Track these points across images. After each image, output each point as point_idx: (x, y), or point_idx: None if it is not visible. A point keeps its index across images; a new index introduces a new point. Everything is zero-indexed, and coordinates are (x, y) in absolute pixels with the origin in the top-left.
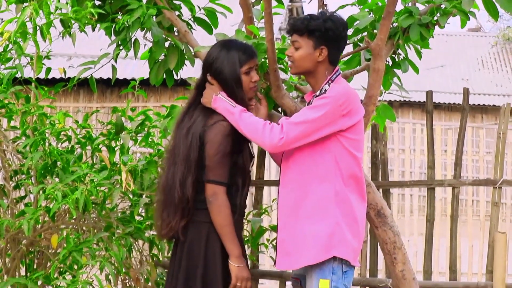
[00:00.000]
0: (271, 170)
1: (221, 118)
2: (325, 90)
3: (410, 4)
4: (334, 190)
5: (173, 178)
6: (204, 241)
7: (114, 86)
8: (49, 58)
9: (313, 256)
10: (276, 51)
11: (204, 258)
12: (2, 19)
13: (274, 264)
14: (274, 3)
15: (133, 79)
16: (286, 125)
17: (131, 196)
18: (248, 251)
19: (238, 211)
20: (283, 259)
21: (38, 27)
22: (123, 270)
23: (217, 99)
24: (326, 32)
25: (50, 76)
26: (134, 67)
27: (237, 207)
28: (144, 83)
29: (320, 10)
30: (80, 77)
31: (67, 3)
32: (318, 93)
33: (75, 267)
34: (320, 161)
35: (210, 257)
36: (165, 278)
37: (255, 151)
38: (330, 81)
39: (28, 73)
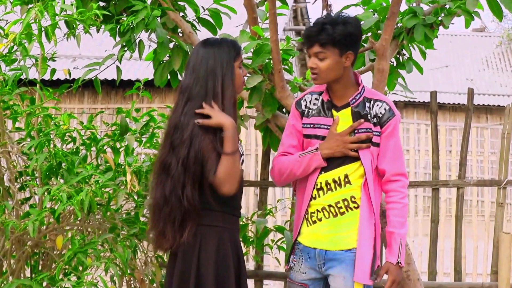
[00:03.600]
0: None
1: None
2: (385, 109)
3: (414, 5)
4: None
5: (173, 189)
6: (216, 246)
7: (118, 87)
8: (54, 60)
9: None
10: (281, 51)
11: (198, 259)
12: (7, 21)
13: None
14: (278, 4)
15: (138, 80)
16: (400, 171)
17: (135, 197)
18: (252, 252)
19: (232, 211)
20: None
21: (43, 29)
22: (128, 271)
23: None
24: (350, 37)
25: (55, 78)
26: (138, 68)
27: (230, 207)
28: (149, 84)
29: (325, 12)
30: (84, 78)
31: (72, 5)
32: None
33: (80, 268)
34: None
35: (202, 260)
36: None
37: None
38: (364, 88)
39: (33, 74)
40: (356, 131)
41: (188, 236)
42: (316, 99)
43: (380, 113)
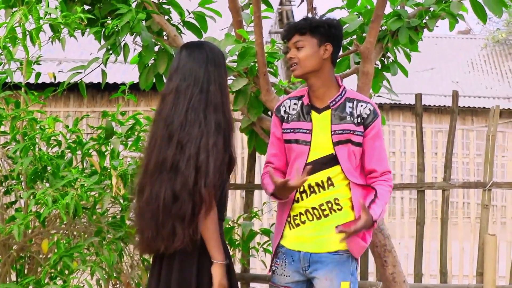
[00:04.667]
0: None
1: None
2: (370, 110)
3: (399, 7)
4: None
5: (184, 186)
6: (197, 253)
7: (104, 90)
8: (39, 63)
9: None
10: (266, 54)
11: (198, 259)
12: None
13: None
14: (263, 7)
15: (123, 84)
16: (387, 169)
17: (121, 201)
18: (239, 255)
19: (220, 215)
20: None
21: (27, 32)
22: (114, 275)
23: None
24: (330, 29)
25: (40, 81)
26: (124, 72)
27: (221, 207)
28: (134, 88)
29: (309, 14)
30: (70, 81)
31: (56, 8)
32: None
33: (66, 272)
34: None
35: (202, 260)
36: None
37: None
38: (345, 90)
39: (17, 78)
40: (333, 132)
41: (197, 233)
42: (295, 104)
43: (365, 113)
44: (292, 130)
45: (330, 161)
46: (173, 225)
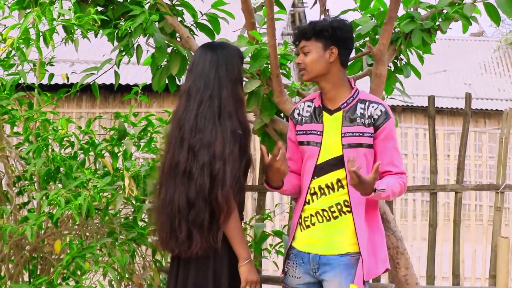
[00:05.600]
0: None
1: (233, 127)
2: (381, 111)
3: (412, 10)
4: None
5: (200, 193)
6: (213, 253)
7: (116, 92)
8: (52, 64)
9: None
10: (279, 56)
11: (214, 264)
12: (5, 25)
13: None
14: (276, 9)
15: (136, 85)
16: (401, 170)
17: (134, 202)
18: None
19: (240, 215)
20: None
21: (41, 33)
22: (126, 276)
23: (373, 194)
24: (334, 32)
25: (53, 82)
26: (136, 73)
27: (240, 209)
28: (147, 89)
29: (323, 17)
30: (82, 83)
31: (70, 9)
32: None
33: (78, 272)
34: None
35: (218, 265)
36: None
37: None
38: (357, 92)
39: (31, 79)
40: (343, 135)
41: (217, 241)
42: (309, 106)
43: (376, 114)
44: (304, 132)
45: (339, 162)
46: (189, 230)
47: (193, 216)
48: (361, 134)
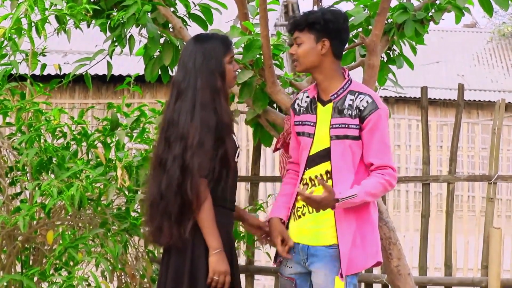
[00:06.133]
0: (266, 166)
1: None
2: (367, 102)
3: (405, 0)
4: None
5: (169, 185)
6: (191, 240)
7: (109, 82)
8: (44, 55)
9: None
10: (271, 47)
11: (191, 253)
12: None
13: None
14: None
15: (129, 76)
16: (386, 163)
17: (126, 192)
18: (243, 247)
19: (222, 203)
20: None
21: (33, 24)
22: (119, 266)
23: (339, 204)
24: (326, 24)
25: (45, 73)
26: (129, 64)
27: (219, 199)
28: (140, 80)
29: (316, 8)
30: (75, 73)
31: None
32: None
33: (71, 263)
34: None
35: (196, 254)
36: None
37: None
38: (349, 82)
39: (23, 69)
40: (331, 126)
41: (185, 232)
42: (307, 97)
43: (362, 106)
44: (300, 123)
45: (328, 154)
46: (159, 221)
47: (163, 207)
48: (346, 126)
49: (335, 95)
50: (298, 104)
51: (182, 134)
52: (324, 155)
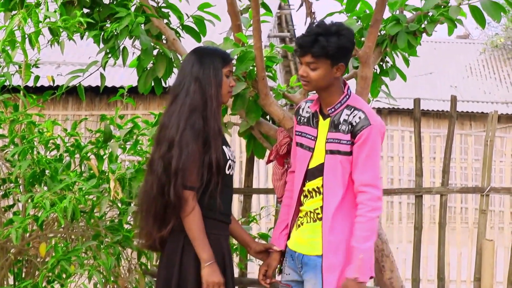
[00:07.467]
0: (259, 178)
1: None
2: (360, 118)
3: (397, 12)
4: None
5: (154, 184)
6: (180, 250)
7: (102, 94)
8: (38, 66)
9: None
10: (265, 58)
11: (179, 266)
12: None
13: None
14: (262, 11)
15: (122, 87)
16: (370, 181)
17: (119, 205)
18: (236, 259)
19: (212, 216)
20: None
21: (26, 36)
22: (112, 279)
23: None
24: (343, 50)
25: (38, 84)
26: (122, 75)
27: (209, 210)
28: (133, 91)
29: (309, 19)
30: (68, 85)
31: (55, 12)
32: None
33: (64, 275)
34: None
35: (185, 266)
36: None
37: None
38: (347, 96)
39: (16, 81)
40: (327, 141)
41: (166, 232)
42: (309, 107)
43: (355, 121)
44: (300, 134)
45: (323, 168)
46: (145, 223)
47: (148, 208)
48: (338, 141)
49: (333, 109)
50: (300, 113)
51: (169, 136)
52: (321, 169)
